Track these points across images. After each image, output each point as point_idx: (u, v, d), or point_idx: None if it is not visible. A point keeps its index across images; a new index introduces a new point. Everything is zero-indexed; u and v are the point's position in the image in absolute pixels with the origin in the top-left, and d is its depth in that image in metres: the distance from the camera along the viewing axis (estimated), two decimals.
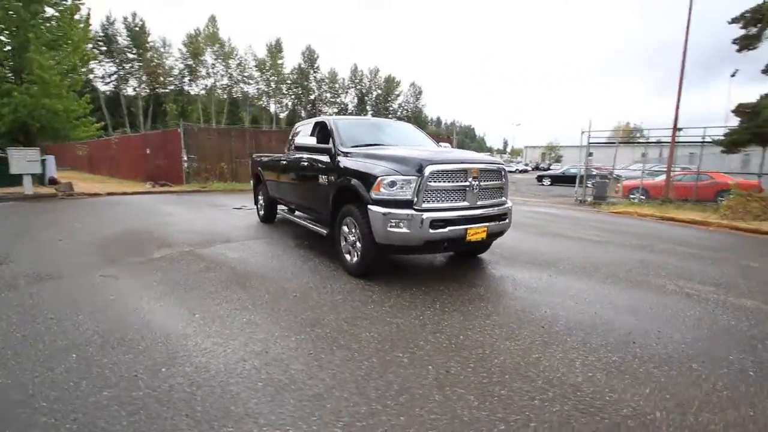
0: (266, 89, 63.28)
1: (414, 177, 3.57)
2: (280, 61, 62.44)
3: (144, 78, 51.91)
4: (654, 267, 4.77)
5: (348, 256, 4.22)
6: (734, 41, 9.77)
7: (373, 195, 3.69)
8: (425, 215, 3.55)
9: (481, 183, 3.90)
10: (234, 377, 2.19)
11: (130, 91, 53.22)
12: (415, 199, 3.58)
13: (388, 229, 3.58)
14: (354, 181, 3.93)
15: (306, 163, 5.19)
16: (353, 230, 4.07)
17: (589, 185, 13.99)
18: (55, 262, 4.47)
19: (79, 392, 2.04)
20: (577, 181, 14.89)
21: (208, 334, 2.72)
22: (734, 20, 9.64)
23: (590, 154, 14.36)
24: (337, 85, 70.45)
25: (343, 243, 4.29)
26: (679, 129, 12.66)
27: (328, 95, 70.46)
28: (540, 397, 2.05)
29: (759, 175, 11.58)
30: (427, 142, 5.41)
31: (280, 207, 7.07)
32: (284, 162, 5.99)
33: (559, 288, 3.85)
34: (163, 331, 2.75)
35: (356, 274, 4.06)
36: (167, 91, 54.94)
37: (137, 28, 51.57)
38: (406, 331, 2.82)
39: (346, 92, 74.16)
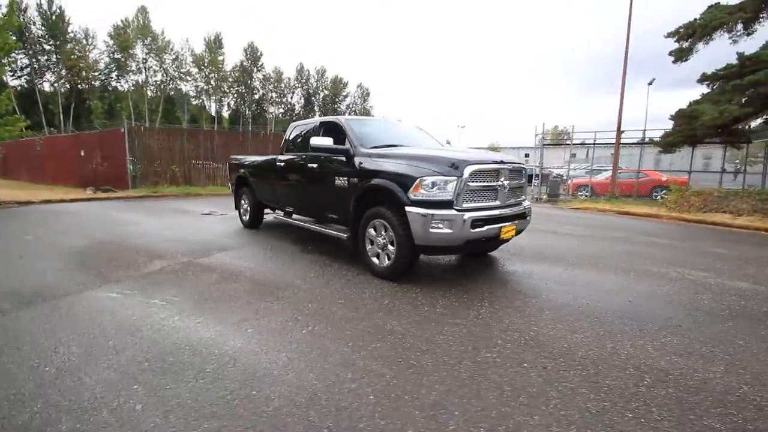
0: (206, 87, 59.64)
1: (454, 177, 3.58)
2: (220, 58, 59.08)
3: (64, 72, 46.30)
4: (644, 257, 5.23)
5: (375, 260, 4.12)
6: (670, 53, 11.06)
7: (412, 196, 3.64)
8: (466, 215, 3.58)
9: (510, 182, 4.02)
10: (336, 393, 2.04)
11: (47, 87, 47.26)
12: (456, 200, 3.59)
13: (430, 230, 3.55)
14: (386, 183, 3.84)
15: (314, 165, 4.97)
16: (383, 233, 3.99)
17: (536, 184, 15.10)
18: (34, 281, 3.85)
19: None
20: (533, 180, 15.92)
21: (275, 348, 2.50)
22: (670, 34, 10.91)
23: (526, 156, 15.49)
24: (282, 85, 68.38)
25: (368, 246, 4.18)
26: (623, 131, 14.04)
27: (274, 95, 68.18)
28: (642, 383, 2.16)
29: (689, 172, 13.21)
30: (435, 141, 5.45)
31: (268, 212, 6.74)
32: (282, 164, 5.69)
33: (582, 280, 4.09)
34: (221, 349, 2.48)
35: (387, 278, 3.97)
36: (91, 87, 49.55)
37: (54, 17, 45.92)
38: (475, 331, 2.82)
39: (293, 92, 72.35)
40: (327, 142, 4.51)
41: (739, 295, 3.70)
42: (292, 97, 72.12)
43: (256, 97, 66.02)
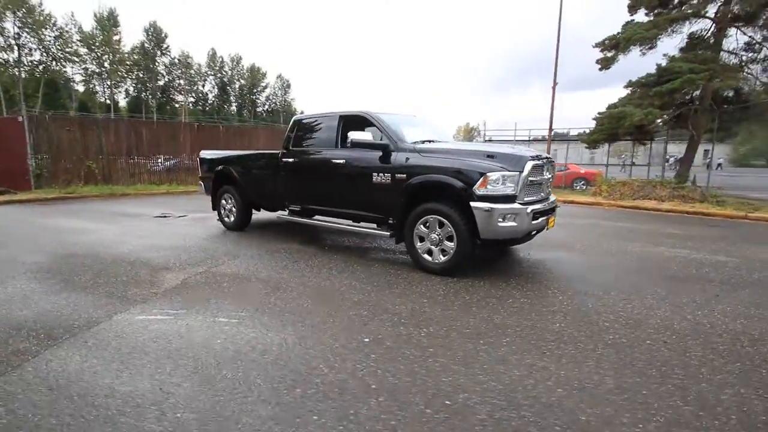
0: (98, 70, 51.61)
1: (517, 172, 3.70)
2: (116, 37, 51.58)
3: None
4: (626, 238, 5.98)
5: (427, 256, 4.08)
6: (597, 61, 12.64)
7: (478, 191, 3.67)
8: (529, 208, 3.74)
9: (549, 176, 4.29)
10: (519, 392, 2.02)
11: None
12: (519, 194, 3.72)
13: (499, 224, 3.63)
14: (448, 179, 3.81)
15: (340, 161, 4.70)
16: (437, 229, 3.96)
17: None
18: (31, 311, 3.04)
19: None
20: None
21: (432, 355, 2.36)
22: (597, 45, 12.47)
23: None
24: (192, 72, 62.27)
25: (418, 243, 4.12)
26: (552, 129, 15.67)
27: (182, 82, 61.78)
28: (747, 350, 2.52)
29: (606, 165, 15.30)
30: (450, 134, 5.53)
31: (258, 211, 6.19)
32: (291, 160, 5.25)
33: (600, 264, 4.55)
34: (363, 367, 2.27)
35: (442, 273, 3.96)
36: None
37: None
38: (567, 318, 2.98)
39: (204, 80, 66.39)
40: (367, 137, 4.31)
41: (727, 264, 4.46)
42: (204, 86, 66.27)
43: (161, 83, 59.24)
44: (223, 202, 6.49)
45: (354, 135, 4.32)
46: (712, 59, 10.43)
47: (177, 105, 61.59)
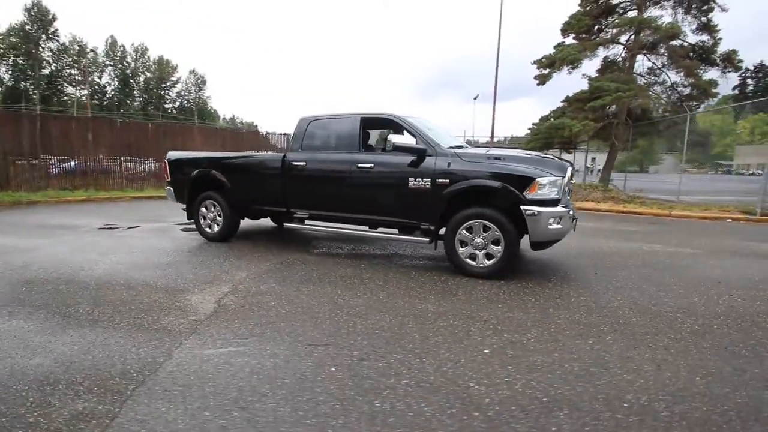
0: None
1: (560, 177, 3.87)
2: None
3: None
4: (591, 236, 6.66)
5: (470, 261, 4.06)
6: (535, 77, 13.95)
7: (529, 196, 3.76)
8: (570, 211, 3.94)
9: (572, 182, 4.58)
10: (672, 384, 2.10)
11: None
12: (561, 198, 3.91)
13: (549, 227, 3.77)
14: (498, 184, 3.83)
15: (368, 165, 4.45)
16: (482, 233, 3.97)
17: None
18: (49, 354, 2.33)
19: None
20: None
21: (563, 360, 2.32)
22: (535, 62, 13.76)
23: None
24: (87, 61, 54.24)
25: (461, 249, 4.09)
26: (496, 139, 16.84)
27: (74, 72, 53.47)
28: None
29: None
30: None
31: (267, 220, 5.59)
32: (305, 164, 4.81)
33: (611, 262, 5.00)
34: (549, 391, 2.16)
35: (486, 277, 3.98)
36: None
37: None
38: (635, 315, 3.20)
39: (102, 71, 58.33)
40: (408, 141, 4.15)
41: (704, 256, 5.21)
42: (101, 77, 58.26)
43: (46, 72, 50.69)
44: (204, 210, 5.73)
45: (395, 138, 4.15)
46: (631, 80, 12.22)
47: (67, 98, 53.10)
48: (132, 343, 2.53)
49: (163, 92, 64.25)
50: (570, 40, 14.00)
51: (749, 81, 42.99)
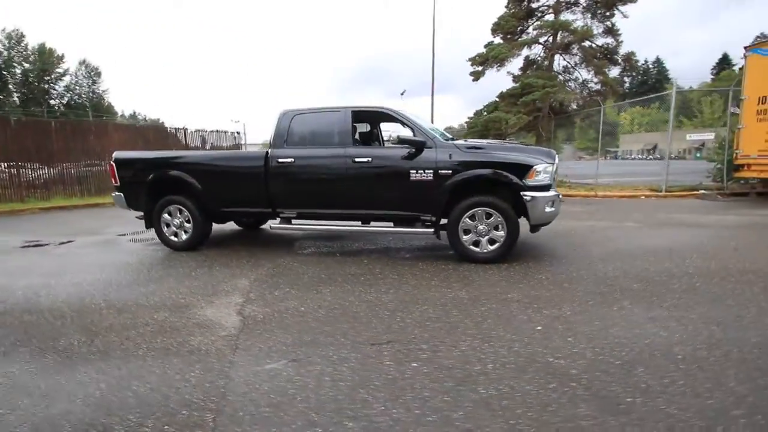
0: None
1: (551, 163, 4.19)
2: None
3: None
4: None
5: (474, 247, 4.23)
6: (471, 74, 14.76)
7: (528, 182, 4.02)
8: (560, 195, 4.30)
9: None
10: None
11: None
12: (552, 183, 4.24)
13: (546, 210, 4.07)
14: (500, 173, 4.02)
15: (366, 159, 4.36)
16: (485, 220, 4.15)
17: None
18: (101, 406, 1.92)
19: None
20: None
21: (619, 325, 2.54)
22: (470, 59, 14.55)
23: None
24: None
25: (464, 237, 4.23)
26: None
27: None
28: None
29: None
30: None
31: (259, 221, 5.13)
32: (293, 160, 4.54)
33: (582, 241, 5.55)
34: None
35: (491, 261, 4.18)
36: None
37: None
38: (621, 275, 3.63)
39: None
40: (409, 133, 4.14)
41: (644, 227, 6.03)
42: None
43: None
44: (167, 216, 5.12)
45: (402, 132, 4.12)
46: (554, 77, 13.59)
47: None
48: (172, 370, 2.21)
49: (47, 86, 55.17)
50: (498, 39, 15.06)
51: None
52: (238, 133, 16.07)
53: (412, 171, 4.25)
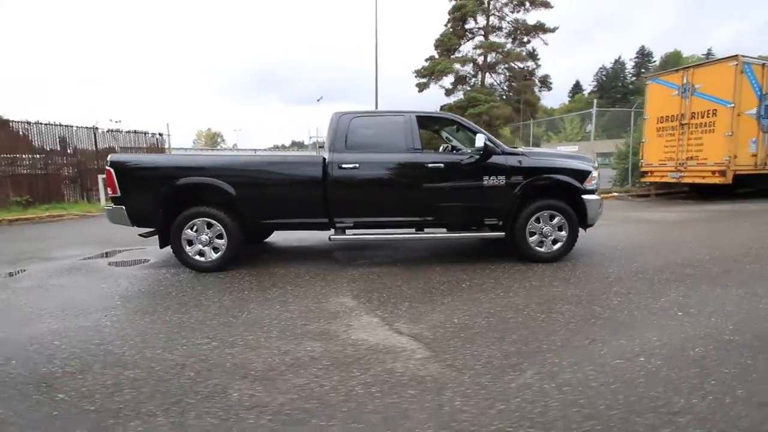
0: None
1: (596, 170, 4.73)
2: None
3: None
4: None
5: (538, 248, 4.51)
6: (417, 85, 15.43)
7: (587, 186, 4.46)
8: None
9: None
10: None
11: None
12: (597, 187, 4.76)
13: (598, 210, 4.57)
14: (567, 178, 4.38)
15: (439, 165, 4.32)
16: (549, 222, 4.47)
17: None
18: None
19: None
20: None
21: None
22: (416, 72, 15.21)
23: None
24: None
25: (531, 237, 4.48)
26: None
27: None
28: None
29: None
30: None
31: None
32: (357, 165, 4.23)
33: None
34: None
35: (552, 261, 4.50)
36: None
37: None
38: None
39: None
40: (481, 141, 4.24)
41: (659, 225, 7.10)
42: None
43: None
44: (192, 233, 4.32)
45: (486, 138, 4.17)
46: (491, 92, 15.04)
47: None
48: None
49: None
50: (435, 54, 16.07)
51: None
52: (160, 134, 14.02)
53: (485, 177, 4.36)
